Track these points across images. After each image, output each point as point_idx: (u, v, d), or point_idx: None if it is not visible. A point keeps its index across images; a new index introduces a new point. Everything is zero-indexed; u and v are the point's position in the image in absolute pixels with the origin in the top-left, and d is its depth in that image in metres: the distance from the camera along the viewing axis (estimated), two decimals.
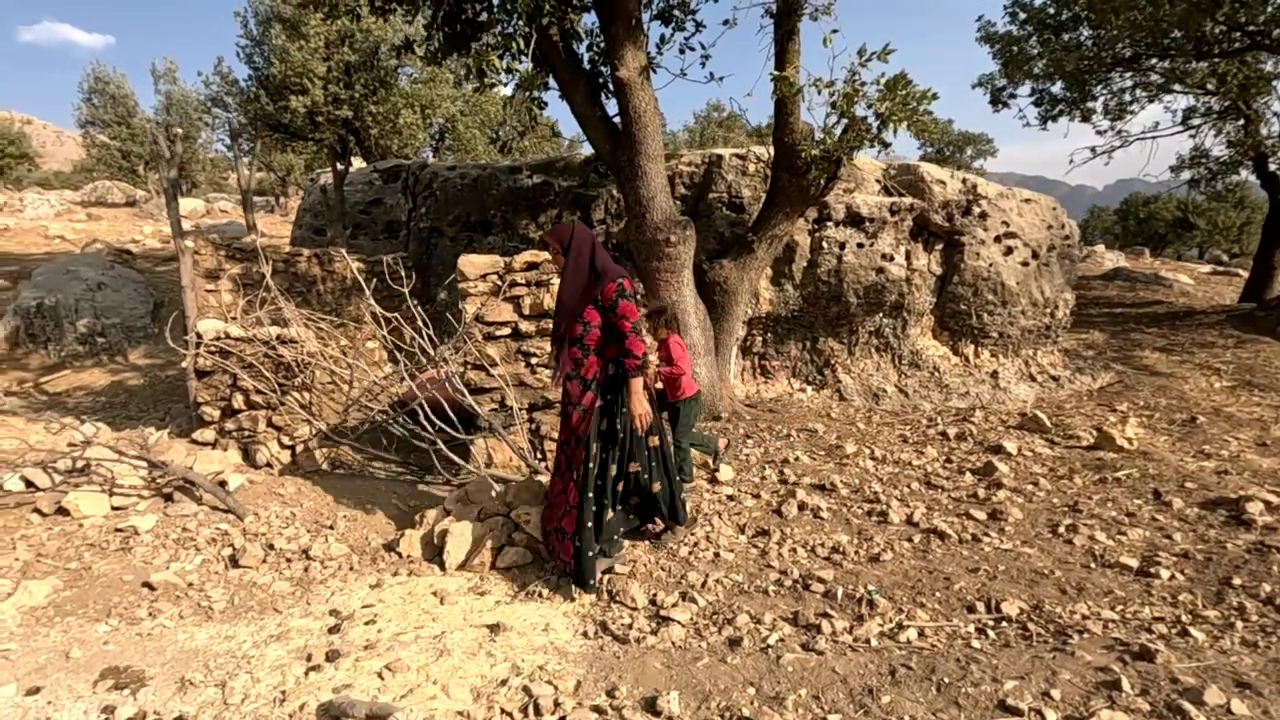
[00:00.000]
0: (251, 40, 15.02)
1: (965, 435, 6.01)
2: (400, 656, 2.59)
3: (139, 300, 8.78)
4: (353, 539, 3.78)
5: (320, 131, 14.97)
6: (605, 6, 5.62)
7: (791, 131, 6.17)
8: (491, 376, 4.58)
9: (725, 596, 3.17)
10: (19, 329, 7.91)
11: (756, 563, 3.54)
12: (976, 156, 34.86)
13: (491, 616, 2.96)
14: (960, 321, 7.83)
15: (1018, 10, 12.05)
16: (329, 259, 6.92)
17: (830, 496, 4.50)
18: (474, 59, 5.91)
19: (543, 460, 4.58)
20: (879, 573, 3.37)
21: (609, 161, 6.26)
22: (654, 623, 2.93)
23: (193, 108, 27.26)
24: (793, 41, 5.98)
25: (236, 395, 4.80)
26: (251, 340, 4.70)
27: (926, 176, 7.66)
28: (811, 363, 7.90)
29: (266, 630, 2.87)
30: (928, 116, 5.57)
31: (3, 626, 2.85)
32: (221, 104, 16.52)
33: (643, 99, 5.77)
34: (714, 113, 32.21)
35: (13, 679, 2.47)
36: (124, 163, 28.52)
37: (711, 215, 7.54)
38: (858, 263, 7.43)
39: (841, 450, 5.60)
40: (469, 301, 4.64)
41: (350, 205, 8.90)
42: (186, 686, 2.45)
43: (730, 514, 4.18)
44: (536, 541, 3.49)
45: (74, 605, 3.09)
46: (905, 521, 4.05)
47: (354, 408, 4.74)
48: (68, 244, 15.44)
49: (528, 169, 8.35)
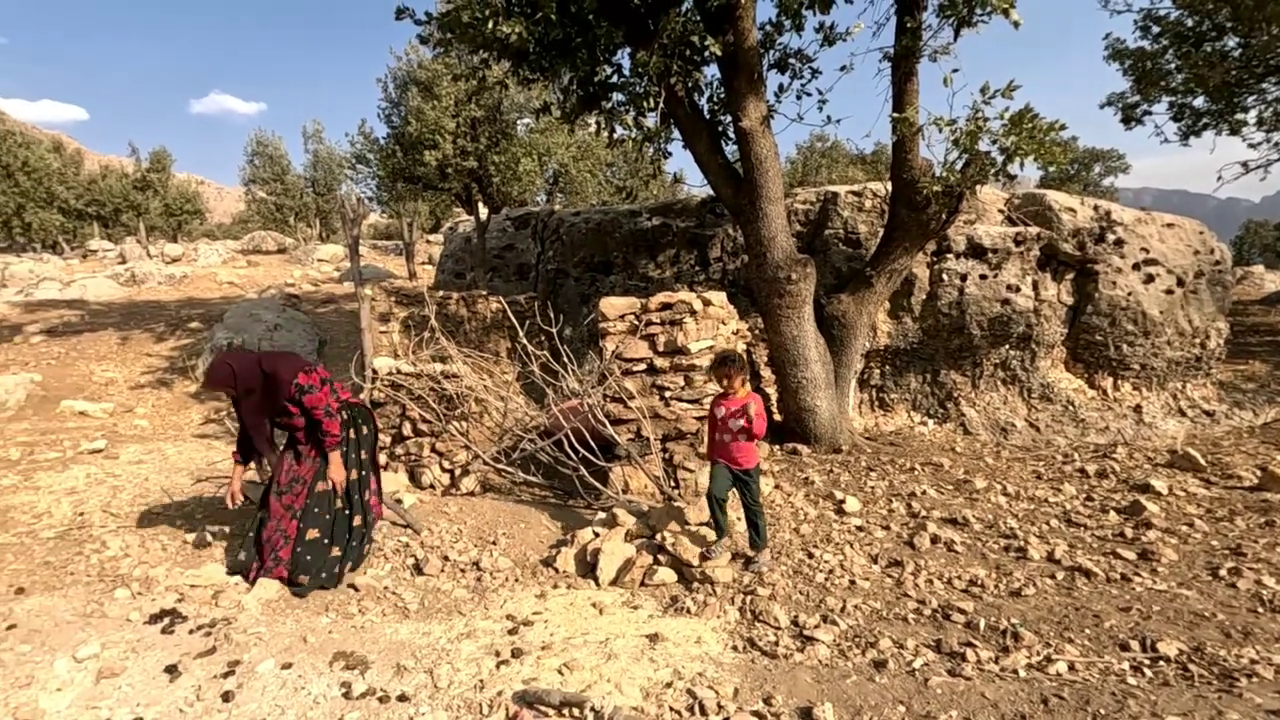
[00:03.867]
0: (390, 102, 16.80)
1: (1107, 473, 5.76)
2: (575, 657, 2.93)
3: (307, 339, 9.98)
4: (514, 554, 4.22)
5: (449, 181, 16.40)
6: (727, 62, 6.02)
7: (910, 168, 6.27)
8: (629, 408, 4.96)
9: (865, 621, 3.31)
10: None
11: (893, 591, 3.65)
12: (1106, 174, 32.66)
13: (648, 628, 3.26)
14: (1096, 353, 7.50)
15: (1150, 24, 11.49)
16: (473, 300, 7.67)
17: (963, 530, 4.51)
18: (605, 117, 6.48)
19: (676, 487, 4.88)
20: (1021, 607, 3.39)
21: (730, 204, 6.60)
22: (799, 641, 3.13)
23: (336, 164, 30.48)
24: (911, 82, 6.12)
25: (405, 424, 5.45)
26: (420, 375, 5.34)
27: (1054, 205, 7.48)
28: (932, 395, 7.80)
29: (456, 629, 3.31)
30: (1056, 147, 5.55)
31: (250, 615, 3.46)
32: (364, 161, 18.50)
33: (764, 146, 6.09)
34: (817, 143, 32.18)
35: (270, 656, 3.01)
36: (277, 215, 32.19)
37: (828, 251, 7.70)
38: (980, 294, 7.32)
39: (970, 485, 5.54)
40: (608, 339, 5.07)
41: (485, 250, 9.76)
42: (402, 671, 2.90)
43: (861, 544, 4.29)
44: (681, 562, 3.78)
45: (299, 601, 3.68)
46: (1046, 558, 4.01)
47: (506, 436, 5.25)
48: (235, 288, 17.57)
49: (647, 212, 8.86)
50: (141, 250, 22.18)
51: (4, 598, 3.58)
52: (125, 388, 8.97)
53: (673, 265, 8.68)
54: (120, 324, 11.37)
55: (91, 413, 7.91)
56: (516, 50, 5.91)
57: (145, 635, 3.20)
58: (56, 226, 25.14)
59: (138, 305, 13.35)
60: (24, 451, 6.40)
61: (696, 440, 4.91)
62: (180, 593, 3.70)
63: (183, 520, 4.76)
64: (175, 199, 31.34)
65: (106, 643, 3.10)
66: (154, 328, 11.12)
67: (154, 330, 11.01)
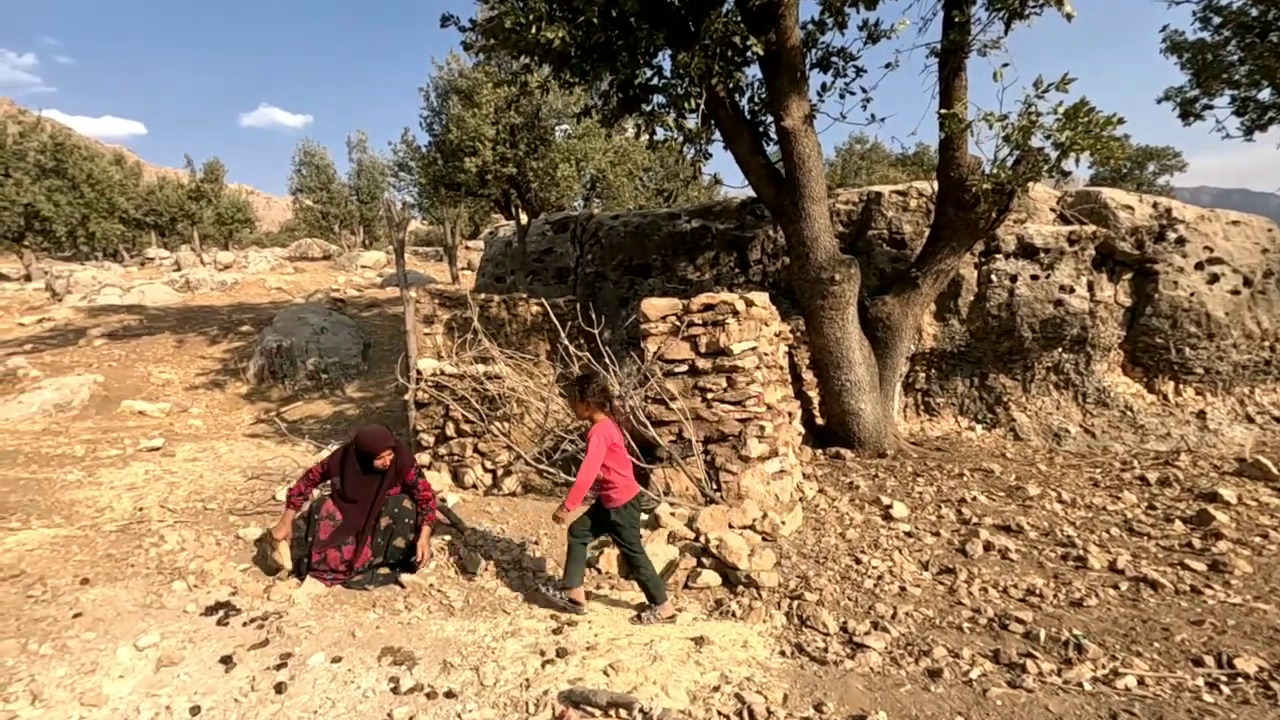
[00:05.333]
0: (432, 111, 17.13)
1: (1169, 480, 5.51)
2: (620, 658, 2.90)
3: (352, 342, 10.21)
4: (556, 554, 4.22)
5: (488, 187, 16.63)
6: (769, 61, 5.97)
7: (958, 166, 6.12)
8: (670, 410, 4.93)
9: (917, 629, 3.21)
10: (264, 366, 9.49)
11: (945, 599, 3.53)
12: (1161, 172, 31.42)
13: (693, 630, 3.21)
14: (1156, 356, 7.19)
15: (1210, 15, 11.02)
16: (514, 303, 7.74)
17: (1018, 538, 4.35)
18: (646, 119, 6.48)
19: (718, 490, 4.83)
20: (1084, 618, 3.25)
21: (771, 205, 6.53)
22: (848, 648, 3.04)
23: (379, 172, 31.21)
24: (959, 78, 5.98)
25: (449, 424, 5.51)
26: (463, 377, 5.40)
27: (1110, 202, 7.20)
28: (980, 400, 7.57)
29: (500, 627, 3.32)
30: (1114, 142, 5.35)
31: (300, 609, 3.53)
32: (406, 168, 18.90)
33: (806, 145, 6.02)
34: (856, 145, 31.76)
35: (320, 649, 3.06)
36: (322, 222, 33.08)
37: (871, 252, 7.55)
38: (1032, 295, 7.10)
39: (1023, 492, 5.35)
40: (650, 340, 5.05)
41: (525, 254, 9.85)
42: (448, 668, 2.92)
43: (910, 550, 4.18)
44: (725, 566, 3.72)
45: (346, 596, 3.74)
46: (1108, 568, 3.84)
47: (548, 437, 5.27)
48: (284, 293, 18.08)
49: (686, 214, 8.83)
50: (195, 258, 23.05)
51: (71, 588, 3.71)
52: (181, 388, 9.29)
53: (712, 268, 8.62)
54: (176, 328, 11.81)
55: (150, 412, 8.21)
56: (558, 55, 5.96)
57: (201, 626, 3.28)
58: (117, 235, 26.25)
59: (192, 310, 13.85)
60: (88, 449, 6.67)
61: (739, 442, 4.84)
62: (234, 586, 3.79)
63: (236, 517, 4.89)
64: (227, 208, 32.48)
65: (165, 632, 3.19)
66: (207, 331, 11.52)
67: (207, 334, 11.40)
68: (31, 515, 4.86)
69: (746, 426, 4.86)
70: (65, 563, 4.04)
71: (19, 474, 5.85)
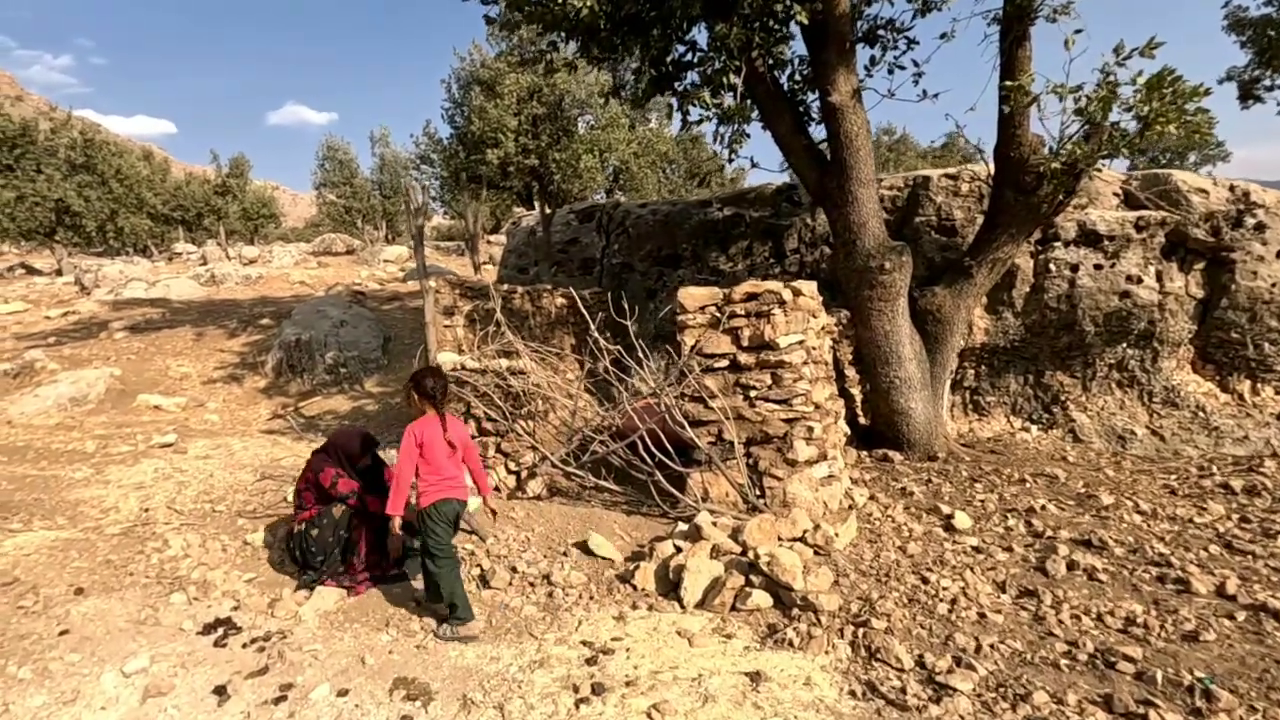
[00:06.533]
0: (454, 103, 16.85)
1: (1258, 489, 4.99)
2: (666, 698, 2.52)
3: (372, 335, 9.94)
4: (587, 567, 3.84)
5: (510, 180, 16.33)
6: (815, 32, 5.51)
7: (1019, 145, 5.63)
8: (709, 409, 4.53)
9: (1006, 666, 2.78)
10: (282, 360, 9.25)
11: (1032, 629, 3.09)
12: (1203, 163, 30.21)
13: (746, 663, 2.82)
14: (1231, 352, 6.62)
15: None
16: (538, 295, 7.38)
17: (1102, 555, 3.88)
18: (680, 98, 6.06)
19: (761, 496, 4.41)
20: (1202, 655, 2.79)
21: (814, 189, 6.08)
22: (929, 689, 2.62)
23: (402, 166, 31.15)
24: (1022, 48, 5.48)
25: (470, 423, 5.16)
26: (485, 372, 5.05)
27: (1182, 185, 6.63)
28: (1035, 399, 7.06)
29: (527, 655, 2.94)
30: (1200, 115, 4.82)
31: (306, 629, 3.19)
32: (428, 161, 18.67)
33: (855, 123, 5.56)
34: (884, 136, 30.98)
35: (325, 679, 2.72)
36: (346, 217, 33.11)
37: (918, 240, 7.06)
38: (1096, 286, 6.57)
39: (1095, 500, 4.87)
40: (687, 333, 4.64)
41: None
42: (469, 705, 2.56)
43: (982, 568, 3.73)
44: (777, 585, 3.31)
45: (357, 613, 3.40)
46: (1215, 593, 3.36)
47: (575, 436, 4.90)
48: (307, 287, 17.94)
49: (718, 202, 8.40)
50: (221, 252, 23.09)
51: (64, 598, 3.43)
52: (198, 382, 9.09)
53: (745, 258, 8.19)
54: (197, 321, 11.64)
55: (165, 407, 8.00)
56: (587, 27, 5.56)
57: (197, 648, 2.96)
58: (145, 231, 26.41)
59: (215, 304, 13.72)
60: (99, 445, 6.44)
61: (785, 444, 4.42)
62: (236, 599, 3.47)
63: (245, 520, 4.59)
64: (252, 203, 32.66)
65: (156, 655, 2.87)
66: (227, 324, 11.33)
67: (227, 327, 11.22)
68: (34, 515, 4.61)
69: (793, 427, 4.44)
70: (62, 569, 3.76)
71: (27, 471, 5.62)
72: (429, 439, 3.29)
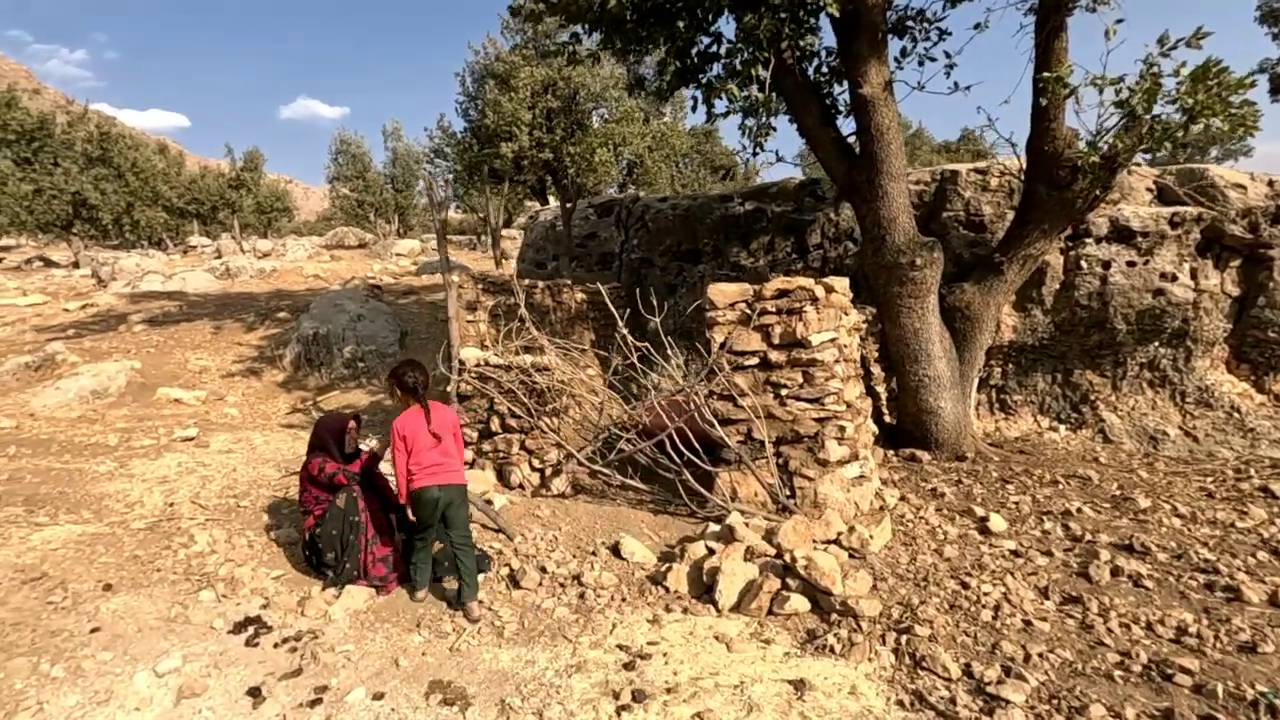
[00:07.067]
0: (468, 96, 16.76)
1: None
2: (709, 706, 2.45)
3: (389, 330, 9.92)
4: (617, 568, 3.79)
5: (524, 174, 16.23)
6: (846, 23, 5.40)
7: (1053, 138, 5.50)
8: (739, 407, 4.45)
9: (1058, 677, 2.69)
10: (300, 354, 9.25)
11: (1081, 637, 3.00)
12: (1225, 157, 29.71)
13: (787, 670, 2.75)
14: (1267, 352, 6.47)
15: None
16: (558, 290, 7.31)
17: (1145, 561, 3.78)
18: (706, 90, 5.96)
19: (792, 497, 4.34)
20: (1263, 669, 2.69)
21: (842, 182, 5.97)
22: (980, 700, 2.54)
23: (414, 160, 31.13)
24: (1059, 39, 5.34)
25: (493, 419, 5.11)
26: (509, 368, 4.99)
27: (1219, 180, 6.47)
28: (1064, 398, 6.93)
29: (563, 659, 2.89)
30: (1246, 107, 4.68)
31: (337, 628, 3.15)
32: (442, 155, 18.59)
33: (886, 116, 5.45)
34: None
35: (359, 682, 2.68)
36: (358, 210, 33.16)
37: (946, 235, 6.93)
38: (1128, 284, 6.42)
39: (1132, 503, 4.76)
40: (716, 330, 4.57)
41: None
42: (508, 711, 2.50)
43: (1023, 573, 3.64)
44: (815, 589, 3.24)
45: (388, 613, 3.36)
46: (1268, 601, 3.26)
47: (600, 434, 4.84)
48: (321, 281, 17.96)
49: (739, 196, 8.29)
50: (235, 246, 23.18)
51: (93, 594, 3.40)
52: (217, 376, 9.09)
53: (767, 253, 8.08)
54: (214, 314, 11.67)
55: (185, 400, 8.00)
56: (613, 18, 5.48)
57: (229, 647, 2.93)
58: (161, 224, 26.55)
59: (231, 297, 13.75)
60: (121, 438, 6.45)
61: (816, 444, 4.34)
62: (265, 597, 3.44)
63: (269, 516, 4.57)
64: (266, 197, 32.76)
65: (189, 654, 2.84)
66: (245, 318, 11.35)
67: (245, 320, 11.23)
68: (60, 509, 4.60)
69: (824, 427, 4.36)
70: (90, 565, 3.74)
71: (51, 464, 5.63)
72: (410, 431, 3.46)
